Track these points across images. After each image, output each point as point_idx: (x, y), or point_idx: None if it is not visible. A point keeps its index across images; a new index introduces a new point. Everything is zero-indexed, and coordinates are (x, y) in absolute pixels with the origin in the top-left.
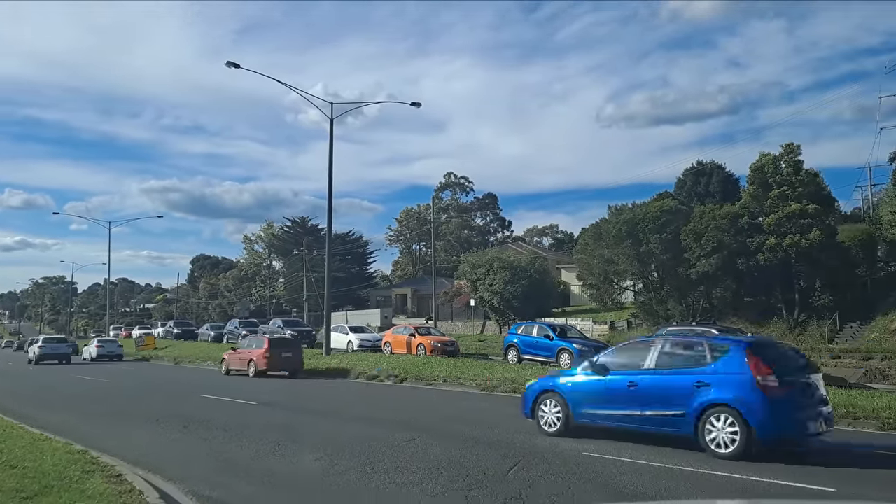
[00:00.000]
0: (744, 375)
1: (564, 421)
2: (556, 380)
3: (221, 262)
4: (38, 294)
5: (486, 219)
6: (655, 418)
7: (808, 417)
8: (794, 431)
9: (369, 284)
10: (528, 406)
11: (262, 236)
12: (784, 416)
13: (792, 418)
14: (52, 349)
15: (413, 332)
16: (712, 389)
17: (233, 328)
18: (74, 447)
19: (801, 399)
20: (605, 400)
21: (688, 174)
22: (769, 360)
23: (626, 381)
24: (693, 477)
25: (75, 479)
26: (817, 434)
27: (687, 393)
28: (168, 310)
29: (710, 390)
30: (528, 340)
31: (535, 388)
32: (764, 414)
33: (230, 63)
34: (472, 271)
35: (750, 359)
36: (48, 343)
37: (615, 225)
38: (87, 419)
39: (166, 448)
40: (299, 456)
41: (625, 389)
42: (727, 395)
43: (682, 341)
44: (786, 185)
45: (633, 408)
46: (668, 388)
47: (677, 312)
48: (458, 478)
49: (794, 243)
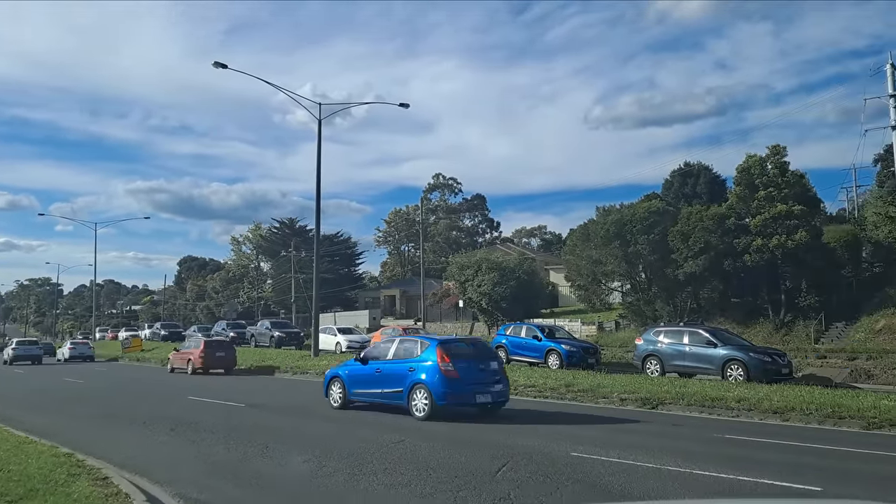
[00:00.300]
0: (434, 363)
1: (344, 398)
2: (340, 369)
3: (209, 263)
4: (23, 296)
5: (475, 220)
6: (390, 394)
7: (476, 391)
8: (463, 401)
9: (358, 285)
10: (325, 388)
11: (249, 237)
12: (456, 391)
13: (462, 392)
14: (24, 351)
15: (402, 334)
16: (417, 372)
17: (220, 329)
18: (60, 450)
19: (470, 379)
20: (365, 382)
21: (675, 175)
22: (450, 352)
23: (375, 368)
24: (681, 477)
25: (61, 483)
26: (485, 403)
27: (404, 375)
28: (155, 311)
29: (416, 373)
30: (517, 341)
31: (328, 375)
32: (442, 389)
33: (217, 63)
34: (460, 272)
35: (438, 352)
36: (21, 345)
37: (603, 226)
38: (73, 420)
39: (154, 450)
40: (287, 458)
41: (375, 374)
42: (423, 376)
43: (409, 338)
44: (772, 187)
45: (379, 387)
46: (396, 372)
47: (665, 313)
48: (446, 479)
49: (781, 244)
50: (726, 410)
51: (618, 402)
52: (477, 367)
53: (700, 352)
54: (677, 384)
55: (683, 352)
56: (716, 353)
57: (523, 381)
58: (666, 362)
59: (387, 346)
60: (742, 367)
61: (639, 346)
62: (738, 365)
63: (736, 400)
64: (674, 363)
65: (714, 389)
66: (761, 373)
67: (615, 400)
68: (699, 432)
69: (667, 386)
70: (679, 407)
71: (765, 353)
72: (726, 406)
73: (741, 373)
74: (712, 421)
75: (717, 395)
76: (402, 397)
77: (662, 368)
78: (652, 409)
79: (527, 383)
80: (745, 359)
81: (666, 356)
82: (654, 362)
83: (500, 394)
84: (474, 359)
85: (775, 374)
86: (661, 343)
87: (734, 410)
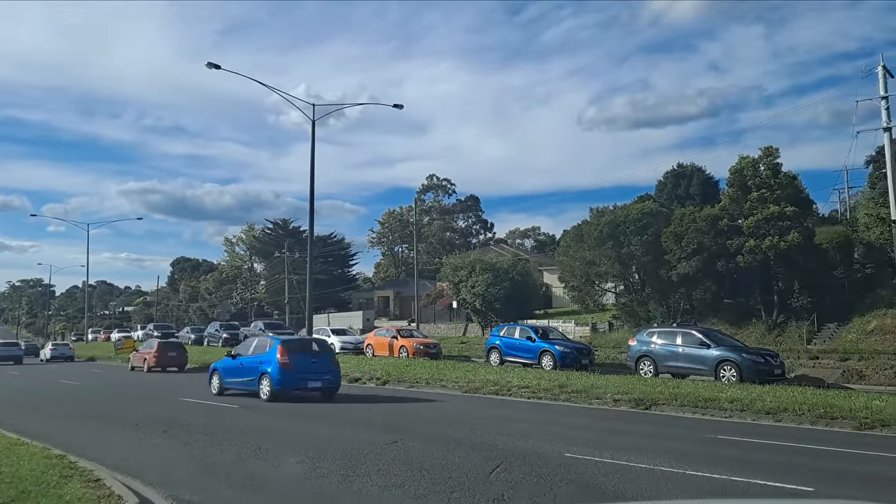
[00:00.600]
0: (275, 357)
1: (220, 387)
2: (218, 363)
3: (202, 264)
4: (14, 297)
5: (469, 221)
6: (247, 382)
7: (308, 379)
8: (297, 386)
9: (351, 287)
10: (208, 379)
11: (243, 238)
12: (290, 378)
13: (296, 379)
14: (5, 352)
15: (395, 335)
16: (264, 365)
17: (213, 331)
18: (52, 451)
19: (303, 370)
20: (233, 373)
21: (668, 177)
22: (289, 349)
23: (239, 362)
24: (674, 477)
25: (53, 484)
26: (316, 388)
27: (256, 367)
28: (148, 312)
29: (264, 365)
30: (511, 342)
31: (210, 368)
32: (279, 377)
33: (210, 64)
34: (454, 273)
35: (279, 349)
36: (2, 347)
37: (596, 227)
38: (65, 422)
39: (147, 452)
40: (280, 459)
41: (239, 367)
42: (267, 368)
43: (263, 337)
44: (765, 188)
45: (241, 377)
46: (251, 365)
47: (658, 314)
48: (440, 480)
49: (773, 245)
50: (719, 411)
51: (611, 403)
52: (310, 360)
53: (693, 353)
54: (670, 385)
55: (677, 353)
56: (709, 354)
57: (517, 382)
58: (659, 363)
59: (249, 344)
60: (735, 368)
61: (632, 347)
62: (731, 366)
63: (729, 401)
64: (667, 364)
65: (707, 390)
66: (754, 373)
67: (609, 401)
68: (692, 433)
69: (660, 387)
70: (672, 408)
71: (757, 353)
72: (719, 407)
73: (734, 373)
74: (705, 421)
75: (710, 396)
76: (255, 385)
77: (656, 369)
78: (645, 409)
79: (521, 384)
80: (738, 360)
81: (659, 357)
82: (647, 363)
83: (330, 381)
84: (309, 354)
85: (768, 375)
86: (655, 344)
87: (727, 411)
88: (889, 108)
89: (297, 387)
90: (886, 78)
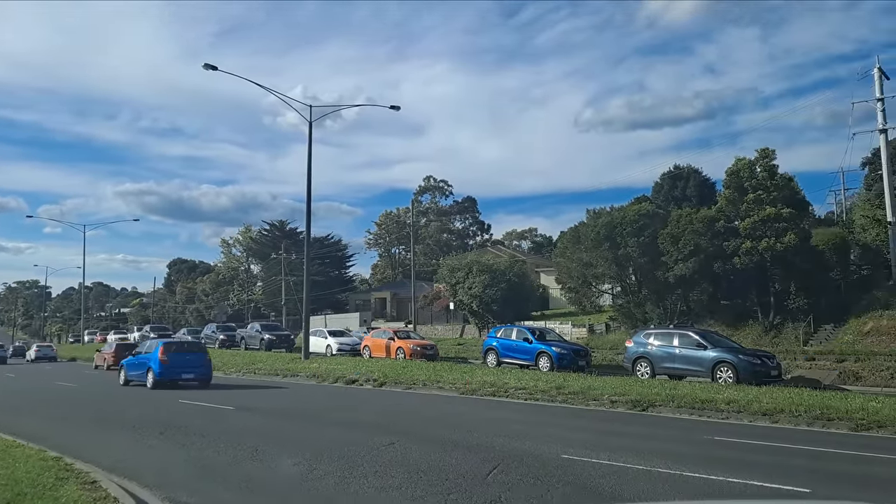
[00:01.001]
0: (157, 356)
1: (125, 379)
2: (125, 360)
3: (199, 265)
4: (10, 299)
5: (466, 222)
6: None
7: (182, 372)
8: (173, 377)
9: (348, 288)
10: (118, 373)
11: (239, 240)
12: (168, 371)
13: (171, 373)
14: None
15: (392, 336)
16: (149, 361)
17: (210, 332)
18: (48, 454)
19: (178, 365)
20: (132, 368)
21: (665, 178)
22: (168, 348)
23: (137, 359)
24: (671, 479)
25: (49, 487)
26: (189, 379)
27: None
28: (144, 314)
29: (149, 361)
30: (508, 344)
31: (119, 364)
32: (159, 370)
33: (207, 65)
34: (451, 275)
35: (160, 348)
36: None
37: (593, 228)
38: (61, 424)
39: (143, 454)
40: (277, 461)
41: (135, 362)
42: (151, 363)
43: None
44: (761, 190)
45: (137, 370)
46: (142, 360)
47: (655, 315)
48: (437, 482)
49: (770, 247)
50: (716, 412)
51: (608, 405)
52: (185, 357)
53: (690, 354)
54: (667, 386)
55: (673, 354)
56: (706, 356)
57: (514, 383)
58: (656, 364)
59: (144, 345)
60: (732, 370)
61: (629, 349)
62: (728, 367)
63: (726, 402)
64: (664, 365)
65: (704, 391)
66: (751, 375)
67: (606, 402)
68: (689, 434)
69: (657, 388)
70: (669, 409)
71: (754, 355)
72: (716, 408)
73: (731, 375)
74: (702, 423)
75: (706, 398)
76: (144, 377)
77: (653, 371)
78: (642, 411)
79: (517, 386)
80: (735, 361)
81: (656, 358)
82: (644, 364)
83: (201, 374)
84: (184, 352)
85: (765, 377)
86: (652, 345)
87: (724, 412)
88: (885, 109)
89: (173, 378)
90: (882, 80)
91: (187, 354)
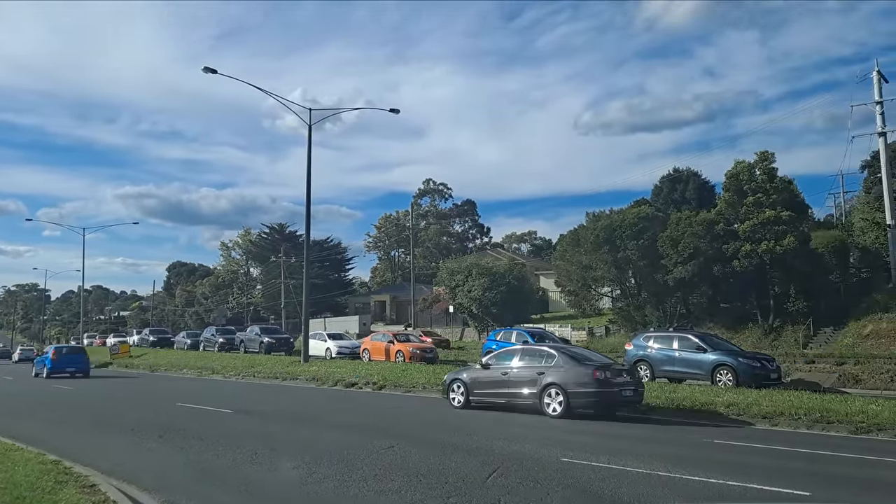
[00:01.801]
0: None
1: (36, 371)
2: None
3: (198, 268)
4: (10, 302)
5: (465, 225)
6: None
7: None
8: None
9: (348, 291)
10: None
11: (239, 243)
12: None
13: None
14: None
15: (392, 339)
16: (44, 359)
17: (209, 335)
18: (47, 457)
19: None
20: (39, 364)
21: (664, 181)
22: (57, 351)
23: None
24: (671, 482)
25: (48, 490)
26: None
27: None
28: (143, 317)
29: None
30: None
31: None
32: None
33: (207, 68)
34: (450, 278)
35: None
36: None
37: (593, 231)
38: (60, 427)
39: (142, 457)
40: (277, 464)
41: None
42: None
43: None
44: (760, 193)
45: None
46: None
47: (654, 318)
48: (437, 485)
49: (769, 250)
50: (716, 415)
51: None
52: (70, 357)
53: (689, 357)
54: (667, 389)
55: (673, 357)
56: (705, 359)
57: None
58: (656, 367)
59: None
60: (731, 373)
61: (628, 352)
62: (728, 370)
63: (725, 405)
64: (663, 368)
65: (703, 394)
66: (750, 378)
67: None
68: (688, 437)
69: (656, 391)
70: (669, 412)
71: (754, 358)
72: (716, 411)
73: (730, 378)
74: (702, 426)
75: (706, 400)
76: (43, 372)
77: (652, 374)
78: (642, 414)
79: None
80: (735, 364)
81: (656, 361)
82: (643, 367)
83: (80, 368)
84: (69, 353)
85: (764, 379)
86: (651, 348)
87: (723, 415)
88: (884, 112)
89: (61, 370)
90: (881, 83)
91: (72, 354)
